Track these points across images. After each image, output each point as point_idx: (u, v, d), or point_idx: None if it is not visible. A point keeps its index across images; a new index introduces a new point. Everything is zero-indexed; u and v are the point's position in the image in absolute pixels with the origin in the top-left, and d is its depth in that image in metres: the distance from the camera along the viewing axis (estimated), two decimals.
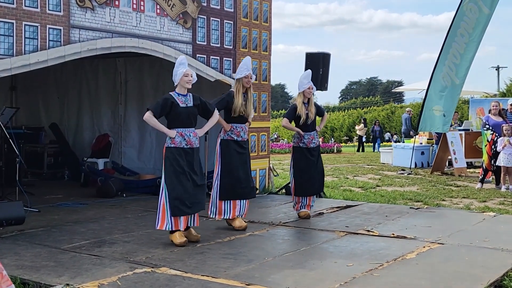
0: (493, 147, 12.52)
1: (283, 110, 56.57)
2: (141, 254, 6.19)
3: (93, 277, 5.29)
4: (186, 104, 6.74)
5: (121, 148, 12.48)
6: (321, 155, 8.73)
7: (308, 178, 8.32)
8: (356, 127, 33.73)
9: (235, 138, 7.57)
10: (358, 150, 29.88)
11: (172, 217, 6.53)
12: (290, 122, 8.47)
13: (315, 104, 8.55)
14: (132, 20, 8.56)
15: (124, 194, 10.42)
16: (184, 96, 6.78)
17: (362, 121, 33.38)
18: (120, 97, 12.51)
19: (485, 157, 12.85)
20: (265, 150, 11.11)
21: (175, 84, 6.79)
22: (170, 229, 6.60)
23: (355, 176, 15.29)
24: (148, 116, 6.60)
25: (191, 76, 6.75)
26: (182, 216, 6.58)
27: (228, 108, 7.54)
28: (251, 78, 7.56)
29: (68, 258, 5.99)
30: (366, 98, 68.81)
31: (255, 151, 10.79)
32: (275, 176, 11.99)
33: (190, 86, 6.80)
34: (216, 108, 7.12)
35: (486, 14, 15.22)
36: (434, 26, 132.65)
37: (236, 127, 7.57)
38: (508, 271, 5.65)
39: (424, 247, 6.65)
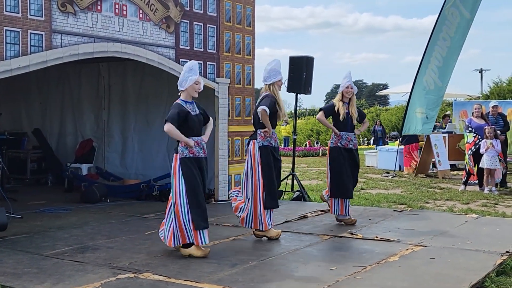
0: (472, 148, 12.60)
1: None
2: (124, 259, 6.16)
3: (76, 283, 5.27)
4: (196, 112, 6.47)
5: (104, 153, 12.43)
6: (307, 158, 8.73)
7: (345, 180, 8.14)
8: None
9: (273, 144, 7.29)
10: None
11: (193, 231, 6.22)
12: (327, 117, 8.33)
13: (357, 108, 8.42)
14: (115, 25, 8.53)
15: (108, 200, 10.38)
16: (190, 103, 6.49)
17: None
18: (103, 102, 12.46)
19: (467, 160, 12.94)
20: None
21: (181, 89, 6.44)
22: (189, 242, 6.26)
23: None
24: (171, 127, 6.26)
25: (201, 85, 6.48)
26: (205, 229, 6.31)
27: (273, 112, 7.19)
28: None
29: (51, 265, 5.95)
30: None
31: (239, 155, 10.80)
32: None
33: (197, 95, 6.52)
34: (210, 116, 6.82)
35: (467, 19, 15.49)
36: (418, 29, 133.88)
37: (273, 132, 7.30)
38: (490, 272, 5.70)
39: (407, 249, 6.68)
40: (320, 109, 8.50)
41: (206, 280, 5.38)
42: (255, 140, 7.19)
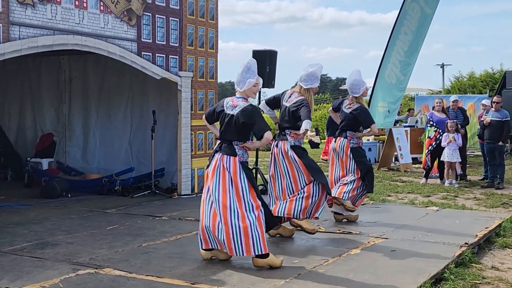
0: (433, 143, 12.79)
1: None
2: (84, 255, 6.08)
3: (34, 280, 5.18)
4: (231, 112, 5.87)
5: (65, 147, 12.23)
6: (267, 153, 8.73)
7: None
8: (309, 133, 32.98)
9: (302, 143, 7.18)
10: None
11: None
12: None
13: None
14: (75, 17, 8.39)
15: (69, 195, 10.22)
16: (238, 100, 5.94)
17: (314, 130, 32.77)
18: (64, 95, 12.25)
19: (424, 156, 13.15)
20: (212, 148, 11.05)
21: (239, 90, 5.89)
22: (260, 252, 5.61)
23: None
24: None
25: (259, 85, 6.03)
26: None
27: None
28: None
29: (9, 261, 5.83)
30: (316, 95, 69.36)
31: (202, 149, 10.75)
32: None
33: (255, 97, 6.22)
34: None
35: (428, 14, 15.81)
36: (382, 24, 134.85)
37: None
38: (449, 264, 5.80)
39: (368, 242, 6.74)
40: (373, 122, 8.10)
41: (168, 275, 5.34)
42: (285, 141, 6.92)
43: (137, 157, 11.45)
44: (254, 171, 11.50)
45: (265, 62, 10.90)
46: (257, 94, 7.49)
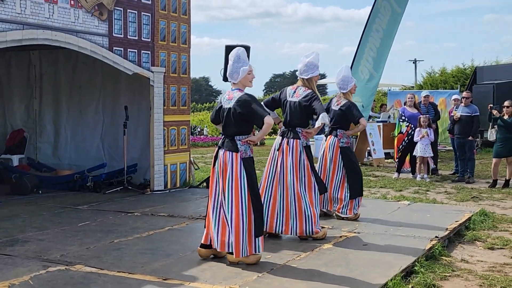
0: (406, 138, 12.91)
1: (208, 103, 56.22)
2: (55, 252, 6.02)
3: (4, 277, 5.11)
4: (228, 105, 5.74)
5: (36, 143, 12.09)
6: None
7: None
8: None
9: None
10: None
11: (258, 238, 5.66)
12: None
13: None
14: (45, 11, 8.28)
15: (40, 191, 10.12)
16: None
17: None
18: (34, 91, 12.10)
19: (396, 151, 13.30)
20: (185, 144, 11.03)
21: (234, 82, 5.72)
22: (258, 252, 5.61)
23: None
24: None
25: (252, 72, 5.80)
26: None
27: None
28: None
29: None
30: None
31: (175, 145, 10.71)
32: (196, 169, 11.94)
33: (252, 86, 5.82)
34: None
35: (398, 13, 16.31)
36: (356, 19, 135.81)
37: None
38: (419, 257, 5.86)
39: (341, 236, 6.78)
40: (362, 116, 8.00)
41: (139, 271, 5.32)
42: (298, 140, 6.72)
43: (109, 153, 11.37)
44: None
45: None
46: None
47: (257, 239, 5.62)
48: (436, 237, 6.61)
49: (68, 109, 11.82)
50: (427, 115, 12.93)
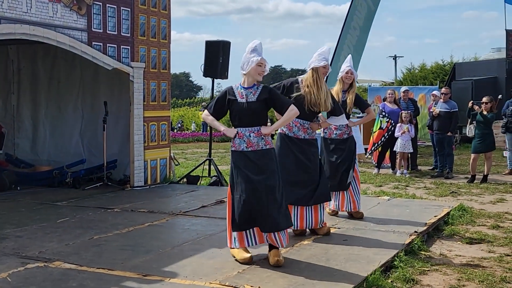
0: (385, 134, 12.98)
1: (188, 99, 56.01)
2: (34, 248, 5.96)
3: None
4: (247, 99, 5.52)
5: (14, 139, 11.96)
6: (226, 143, 8.53)
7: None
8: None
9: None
10: None
11: (235, 233, 5.62)
12: None
13: (358, 95, 7.68)
14: (22, 5, 8.18)
15: (19, 187, 10.03)
16: (247, 89, 5.56)
17: None
18: (12, 86, 11.97)
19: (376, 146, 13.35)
20: (165, 140, 10.98)
21: (244, 73, 5.59)
22: (235, 247, 5.65)
23: None
24: (205, 114, 5.71)
25: (265, 67, 5.57)
26: (242, 231, 5.63)
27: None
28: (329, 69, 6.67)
29: None
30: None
31: (155, 140, 10.66)
32: (176, 165, 11.91)
33: (261, 79, 5.62)
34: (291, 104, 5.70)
35: (372, 10, 16.90)
36: (337, 16, 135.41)
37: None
38: (399, 252, 5.89)
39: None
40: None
41: (119, 268, 5.28)
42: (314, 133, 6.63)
43: (89, 149, 11.29)
44: (207, 162, 11.49)
45: (218, 53, 10.90)
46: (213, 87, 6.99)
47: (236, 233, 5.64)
48: (415, 232, 6.66)
49: (46, 105, 11.71)
50: (409, 111, 13.02)
